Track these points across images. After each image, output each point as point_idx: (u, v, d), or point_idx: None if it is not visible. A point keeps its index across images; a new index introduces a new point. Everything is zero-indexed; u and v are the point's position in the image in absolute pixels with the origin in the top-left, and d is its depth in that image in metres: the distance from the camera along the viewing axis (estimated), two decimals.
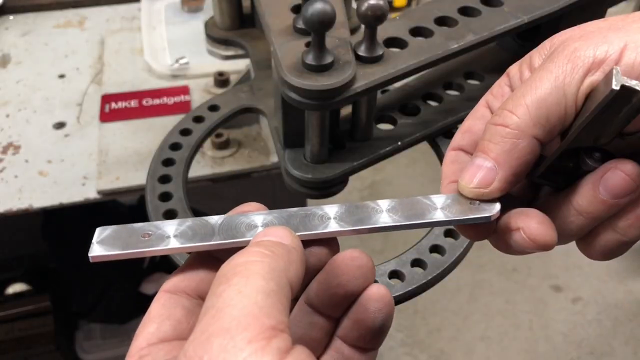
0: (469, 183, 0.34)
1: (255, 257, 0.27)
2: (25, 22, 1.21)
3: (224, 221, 0.33)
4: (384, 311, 0.32)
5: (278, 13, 0.52)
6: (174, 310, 0.30)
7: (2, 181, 0.86)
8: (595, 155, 0.32)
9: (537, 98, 0.31)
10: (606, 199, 0.31)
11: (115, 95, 1.00)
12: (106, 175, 0.85)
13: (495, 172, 0.33)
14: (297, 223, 0.33)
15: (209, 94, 0.99)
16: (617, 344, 1.75)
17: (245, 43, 0.74)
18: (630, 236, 0.33)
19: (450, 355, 1.74)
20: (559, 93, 0.31)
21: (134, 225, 0.33)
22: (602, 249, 0.34)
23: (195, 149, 0.62)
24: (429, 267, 0.49)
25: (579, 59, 0.31)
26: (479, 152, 0.33)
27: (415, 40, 0.49)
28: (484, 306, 1.85)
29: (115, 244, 0.32)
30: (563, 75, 0.31)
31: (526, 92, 0.32)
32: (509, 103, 0.32)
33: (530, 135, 0.31)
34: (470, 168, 0.34)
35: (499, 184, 0.33)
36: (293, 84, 0.44)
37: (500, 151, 0.32)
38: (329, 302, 0.32)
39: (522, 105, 0.32)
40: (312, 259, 0.32)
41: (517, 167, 0.32)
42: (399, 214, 0.34)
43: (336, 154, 0.54)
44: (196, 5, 1.19)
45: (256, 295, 0.25)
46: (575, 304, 1.85)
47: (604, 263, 1.95)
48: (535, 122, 0.31)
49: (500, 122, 0.32)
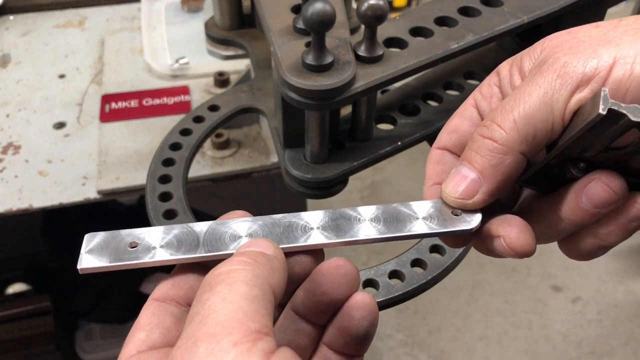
0: (452, 192, 0.34)
1: (238, 266, 0.28)
2: (25, 22, 1.22)
3: (208, 230, 0.33)
4: (368, 319, 0.32)
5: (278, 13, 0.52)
6: (163, 318, 0.31)
7: (2, 181, 0.86)
8: (580, 166, 0.33)
9: (525, 114, 0.31)
10: (588, 208, 0.32)
11: (115, 95, 1.01)
12: (106, 175, 0.85)
13: (480, 184, 0.33)
14: (281, 233, 0.34)
15: (209, 94, 0.99)
16: (617, 344, 1.75)
17: (245, 43, 0.74)
18: (610, 242, 0.34)
19: (450, 355, 1.74)
20: (547, 109, 0.31)
21: (121, 232, 0.33)
22: (582, 252, 0.35)
23: (195, 149, 0.62)
24: (429, 267, 0.49)
25: (568, 75, 0.31)
26: (465, 162, 0.34)
27: (415, 40, 0.49)
28: (484, 306, 1.85)
29: (103, 255, 0.32)
30: (552, 91, 0.31)
31: (515, 107, 0.32)
32: (498, 116, 0.33)
33: (517, 152, 0.32)
34: (455, 177, 0.34)
35: (482, 197, 0.33)
36: (293, 84, 0.44)
37: (486, 165, 0.33)
38: (315, 309, 0.33)
39: (510, 121, 0.32)
40: (297, 268, 0.33)
41: (502, 181, 0.33)
42: (381, 223, 0.35)
43: (336, 154, 0.54)
44: (196, 5, 1.19)
45: (240, 301, 0.25)
46: (575, 304, 1.85)
47: (604, 263, 1.95)
48: (522, 139, 0.32)
49: (488, 135, 0.33)
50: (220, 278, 0.27)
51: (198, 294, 0.27)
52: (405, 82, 0.60)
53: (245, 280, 0.27)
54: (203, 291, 0.27)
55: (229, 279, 0.27)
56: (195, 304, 0.26)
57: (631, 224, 0.33)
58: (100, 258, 0.32)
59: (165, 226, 0.34)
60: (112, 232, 0.33)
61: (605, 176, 0.32)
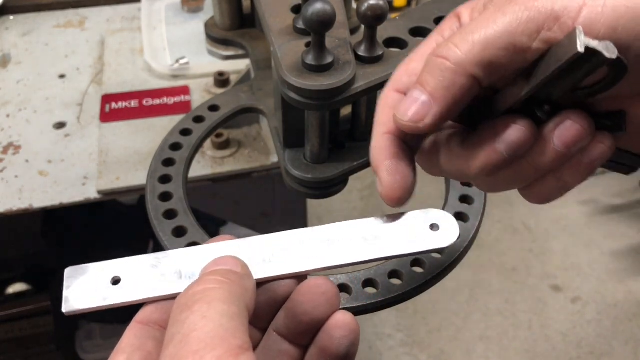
0: (403, 116, 0.32)
1: (213, 285, 0.28)
2: (26, 22, 1.22)
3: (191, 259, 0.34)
4: (349, 338, 0.32)
5: (278, 13, 0.52)
6: (145, 342, 0.31)
7: (2, 181, 0.86)
8: (545, 108, 0.32)
9: (486, 38, 0.30)
10: (559, 150, 0.31)
11: (115, 95, 1.01)
12: (106, 175, 0.86)
13: (430, 107, 0.31)
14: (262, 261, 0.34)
15: (209, 94, 0.99)
16: (617, 344, 1.75)
17: (245, 43, 0.74)
18: (572, 183, 0.33)
19: (450, 355, 1.74)
20: (509, 40, 0.29)
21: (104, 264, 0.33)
22: (543, 196, 0.35)
23: (196, 149, 0.62)
24: (428, 267, 0.49)
25: (536, 9, 0.29)
26: (417, 85, 0.32)
27: (415, 40, 0.49)
28: (484, 306, 1.85)
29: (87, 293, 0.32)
30: (517, 22, 0.29)
31: (476, 29, 0.30)
32: (456, 37, 0.31)
33: (470, 74, 0.30)
34: (406, 100, 0.33)
35: (432, 119, 0.32)
36: (293, 84, 0.44)
37: (437, 86, 0.31)
38: (296, 330, 0.33)
39: (468, 42, 0.30)
40: (280, 290, 0.33)
41: (453, 104, 0.31)
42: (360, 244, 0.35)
43: (336, 154, 0.54)
44: (196, 5, 1.19)
45: (220, 319, 0.26)
46: (575, 303, 1.86)
47: (604, 263, 1.95)
48: (477, 62, 0.30)
49: (442, 55, 0.31)
50: (197, 297, 0.27)
51: (174, 313, 0.27)
52: None
53: (222, 298, 0.27)
54: (180, 311, 0.27)
55: (206, 298, 0.27)
56: (173, 324, 0.27)
57: (594, 163, 0.32)
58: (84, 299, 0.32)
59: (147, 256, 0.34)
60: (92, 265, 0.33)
61: (575, 115, 0.31)
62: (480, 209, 0.54)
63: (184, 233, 0.53)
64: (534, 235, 2.03)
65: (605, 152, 0.32)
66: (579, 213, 2.12)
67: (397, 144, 0.35)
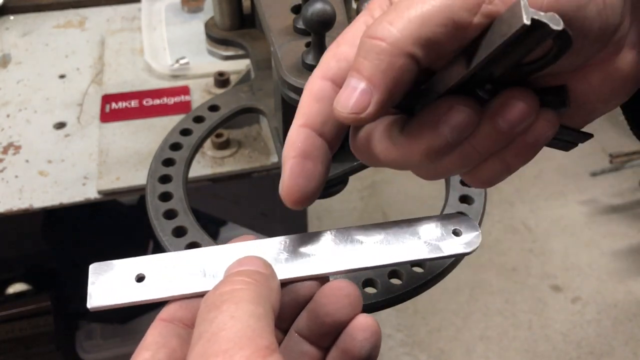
0: (343, 109, 0.29)
1: (240, 285, 0.28)
2: (26, 22, 1.22)
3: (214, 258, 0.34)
4: (371, 340, 0.32)
5: (278, 13, 0.52)
6: (170, 339, 0.31)
7: (2, 181, 0.86)
8: (487, 87, 0.30)
9: (422, 14, 0.27)
10: (504, 131, 0.30)
11: (115, 95, 1.01)
12: (106, 175, 0.86)
13: (371, 95, 0.29)
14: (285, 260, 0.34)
15: (209, 94, 0.99)
16: (616, 344, 1.75)
17: (245, 43, 0.75)
18: (516, 165, 0.32)
19: (450, 355, 1.74)
20: (448, 15, 0.27)
21: (129, 261, 0.33)
22: (487, 178, 0.33)
23: (196, 149, 0.63)
24: (428, 267, 0.49)
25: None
26: (353, 72, 0.29)
27: None
28: (484, 306, 1.85)
29: (111, 289, 0.32)
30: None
31: (411, 5, 0.28)
32: (390, 14, 0.28)
33: (408, 53, 0.28)
34: (344, 90, 0.30)
35: (374, 108, 0.29)
36: (293, 84, 0.44)
37: (375, 70, 0.28)
38: (318, 331, 0.33)
39: (403, 19, 0.27)
40: (303, 291, 0.33)
41: (394, 88, 0.29)
42: (384, 246, 0.35)
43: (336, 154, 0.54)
44: (196, 6, 1.19)
45: (248, 319, 0.26)
46: (575, 303, 1.86)
47: (604, 263, 1.95)
48: (415, 41, 0.27)
49: (376, 35, 0.28)
50: (225, 297, 0.27)
51: (202, 312, 0.27)
52: None
53: (250, 299, 0.27)
54: (209, 310, 0.27)
55: (234, 298, 0.27)
56: (200, 323, 0.27)
57: (538, 142, 0.31)
58: (109, 294, 0.32)
59: (171, 254, 0.34)
60: (117, 262, 0.33)
61: (519, 93, 0.29)
62: (480, 209, 0.54)
63: (184, 233, 0.53)
64: (534, 235, 2.03)
65: (549, 130, 0.30)
66: (579, 213, 2.12)
67: (311, 140, 0.33)
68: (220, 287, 0.28)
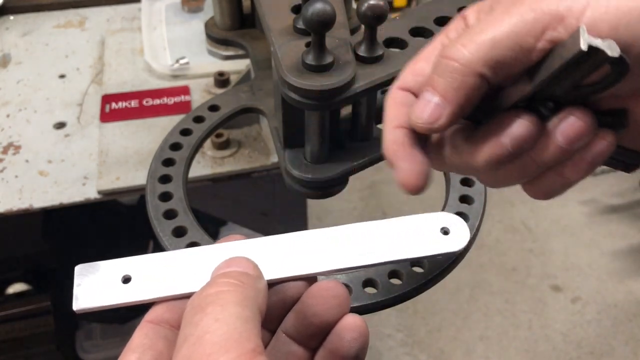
0: (418, 119, 0.34)
1: (226, 287, 0.28)
2: (26, 22, 1.22)
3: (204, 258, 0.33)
4: (359, 341, 0.32)
5: (278, 13, 0.52)
6: (156, 341, 0.30)
7: (2, 181, 0.86)
8: (549, 105, 0.33)
9: (493, 38, 0.31)
10: (562, 145, 0.32)
11: (115, 95, 1.01)
12: (106, 175, 0.86)
13: (443, 108, 0.33)
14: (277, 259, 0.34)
15: (209, 94, 0.99)
16: (617, 344, 1.75)
17: (245, 43, 0.75)
18: (574, 179, 0.34)
19: (450, 355, 1.74)
20: (515, 40, 0.30)
21: (115, 262, 0.33)
22: (546, 191, 0.36)
23: (196, 149, 0.62)
24: (428, 267, 0.49)
25: (541, 10, 0.30)
26: (428, 87, 0.33)
27: (415, 40, 0.49)
28: (484, 306, 1.85)
29: (97, 291, 0.32)
30: (523, 23, 0.30)
31: (483, 30, 0.31)
32: (464, 37, 0.32)
33: (478, 73, 0.31)
34: (419, 103, 0.34)
35: (445, 120, 0.33)
36: (293, 84, 0.44)
37: (448, 87, 0.32)
38: (306, 331, 0.33)
39: (475, 42, 0.31)
40: (290, 292, 0.33)
41: (464, 103, 0.33)
42: (371, 246, 0.35)
43: (336, 154, 0.54)
44: (196, 5, 1.19)
45: (234, 322, 0.26)
46: (575, 303, 1.86)
47: (604, 263, 1.95)
48: (485, 62, 0.31)
49: (450, 56, 0.32)
50: (210, 299, 0.27)
51: (187, 315, 0.27)
52: None
53: (236, 301, 0.27)
54: (194, 312, 0.27)
55: (219, 300, 0.27)
56: (186, 325, 0.27)
57: (596, 160, 0.33)
58: (94, 296, 0.32)
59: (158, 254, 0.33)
60: (103, 263, 0.33)
61: (578, 112, 0.32)
62: (480, 209, 0.54)
63: (184, 233, 0.53)
64: (534, 235, 2.03)
65: (606, 149, 0.33)
66: (579, 213, 2.12)
67: (410, 136, 0.36)
68: (206, 289, 0.28)
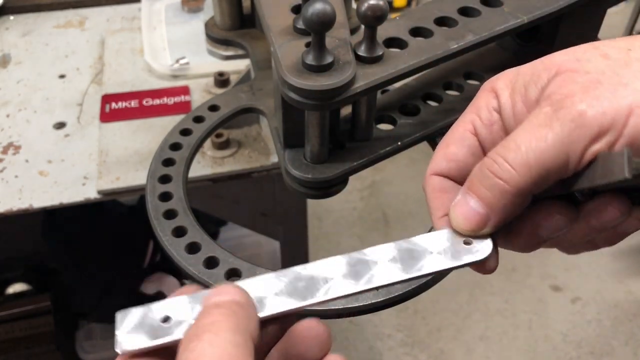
0: (464, 226, 0.35)
1: (220, 317, 0.29)
2: (26, 22, 1.22)
3: None
4: None
5: (278, 13, 0.52)
6: None
7: (2, 181, 0.86)
8: (585, 191, 0.35)
9: (541, 159, 0.32)
10: (597, 228, 0.35)
11: (115, 95, 1.01)
12: (106, 175, 0.86)
13: (488, 218, 0.35)
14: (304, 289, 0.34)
15: (209, 94, 0.99)
16: (617, 344, 1.75)
17: (245, 43, 0.74)
18: (605, 246, 0.38)
19: (450, 355, 1.74)
20: (563, 157, 0.32)
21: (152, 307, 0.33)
22: (574, 251, 0.40)
23: (196, 149, 0.62)
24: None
25: (585, 126, 0.31)
26: (473, 195, 0.35)
27: (415, 40, 0.49)
28: (484, 306, 1.85)
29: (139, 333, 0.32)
30: (569, 140, 0.31)
31: (529, 150, 0.32)
32: (509, 153, 0.33)
33: (528, 194, 0.33)
34: (463, 208, 0.35)
35: (490, 230, 0.35)
36: (293, 84, 0.44)
37: (495, 202, 0.34)
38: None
39: (523, 165, 0.32)
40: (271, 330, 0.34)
41: (509, 215, 0.35)
42: (398, 263, 0.35)
43: (336, 154, 0.54)
44: (196, 5, 1.19)
45: (227, 346, 0.27)
46: (575, 303, 1.86)
47: (604, 263, 1.95)
48: (534, 183, 0.32)
49: (499, 175, 0.33)
50: (206, 328, 0.28)
51: (184, 343, 0.28)
52: (405, 82, 0.60)
53: (228, 328, 0.28)
54: (190, 340, 0.28)
55: (214, 329, 0.28)
56: (182, 352, 0.28)
57: (626, 233, 0.36)
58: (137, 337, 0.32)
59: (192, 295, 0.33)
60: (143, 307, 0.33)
61: (613, 199, 0.34)
62: None
63: (184, 233, 0.53)
64: None
65: (638, 225, 0.35)
66: None
67: None
68: (202, 319, 0.29)
